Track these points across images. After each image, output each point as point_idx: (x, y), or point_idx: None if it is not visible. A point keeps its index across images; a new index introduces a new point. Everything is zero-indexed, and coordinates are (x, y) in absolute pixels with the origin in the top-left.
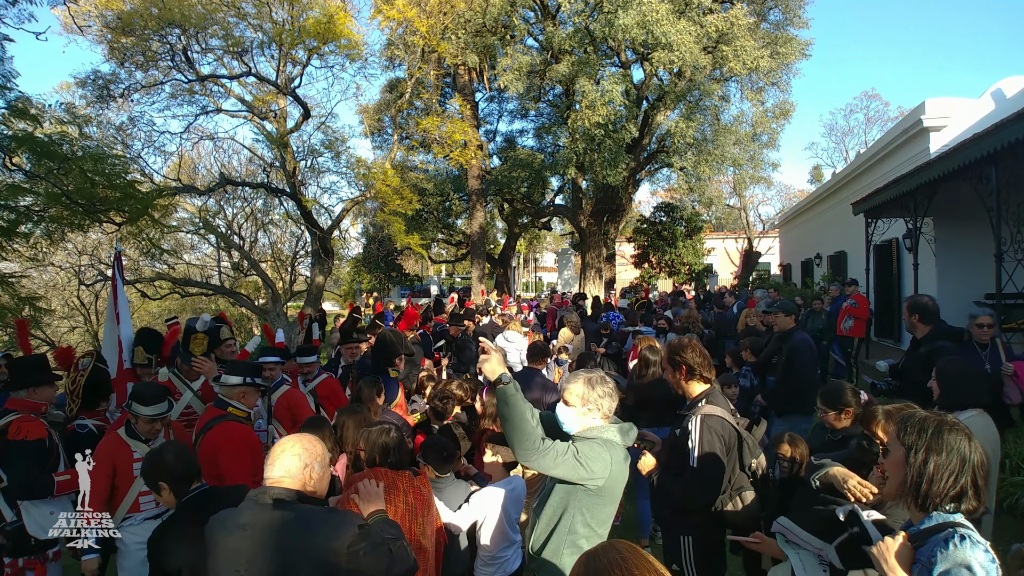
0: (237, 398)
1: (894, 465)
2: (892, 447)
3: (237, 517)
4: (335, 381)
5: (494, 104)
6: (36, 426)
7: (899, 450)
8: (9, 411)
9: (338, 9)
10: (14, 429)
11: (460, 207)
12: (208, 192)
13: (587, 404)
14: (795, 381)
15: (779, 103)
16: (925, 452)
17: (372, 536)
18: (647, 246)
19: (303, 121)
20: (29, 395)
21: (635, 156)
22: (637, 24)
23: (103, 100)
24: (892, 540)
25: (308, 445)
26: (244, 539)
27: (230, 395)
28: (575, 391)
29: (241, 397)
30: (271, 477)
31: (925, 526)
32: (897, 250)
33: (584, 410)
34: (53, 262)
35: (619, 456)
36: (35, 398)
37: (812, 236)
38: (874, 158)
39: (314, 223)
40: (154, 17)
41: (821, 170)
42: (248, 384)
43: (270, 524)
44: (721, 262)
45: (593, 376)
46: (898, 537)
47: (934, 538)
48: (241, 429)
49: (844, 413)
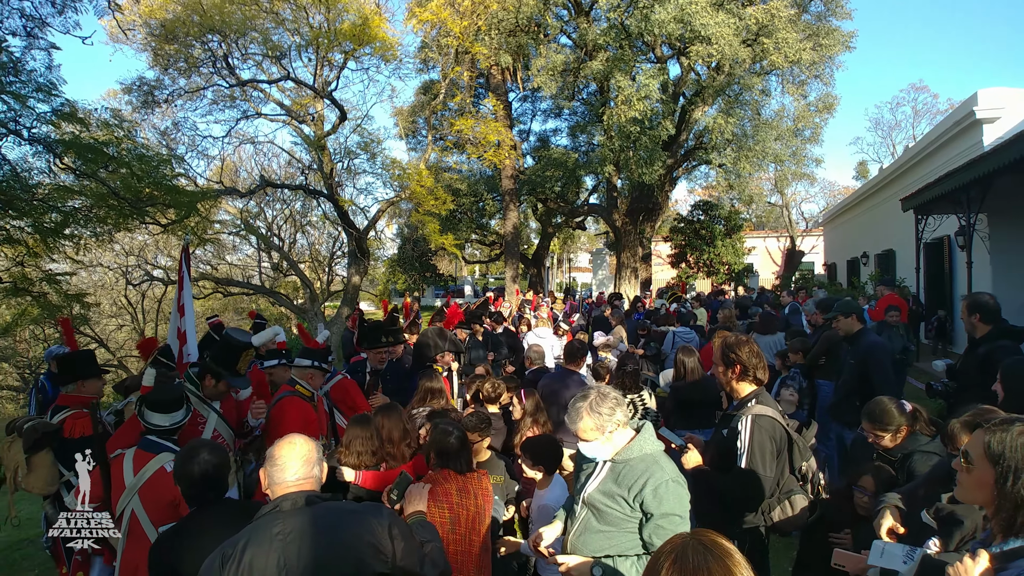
0: (306, 379)
1: (978, 484)
2: (978, 465)
3: (267, 528)
4: (350, 383)
5: (527, 103)
6: (86, 421)
7: (987, 470)
8: (62, 407)
9: (373, 12)
10: (68, 427)
11: (494, 207)
12: (249, 194)
13: (604, 430)
14: (872, 391)
15: (822, 96)
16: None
17: (403, 527)
18: (684, 245)
19: (339, 124)
20: (78, 389)
21: (672, 153)
22: (674, 18)
23: (148, 106)
24: (973, 561)
25: (311, 444)
26: (281, 548)
27: (300, 375)
28: (586, 426)
29: (309, 378)
30: (287, 481)
31: (1011, 547)
32: (949, 248)
33: (605, 436)
34: (102, 263)
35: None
36: (83, 392)
37: (858, 234)
38: (923, 152)
39: (350, 224)
40: (195, 24)
41: (867, 166)
42: (315, 367)
43: (305, 526)
44: (762, 261)
45: (589, 400)
46: (980, 557)
47: (1019, 562)
48: (304, 405)
49: (900, 431)
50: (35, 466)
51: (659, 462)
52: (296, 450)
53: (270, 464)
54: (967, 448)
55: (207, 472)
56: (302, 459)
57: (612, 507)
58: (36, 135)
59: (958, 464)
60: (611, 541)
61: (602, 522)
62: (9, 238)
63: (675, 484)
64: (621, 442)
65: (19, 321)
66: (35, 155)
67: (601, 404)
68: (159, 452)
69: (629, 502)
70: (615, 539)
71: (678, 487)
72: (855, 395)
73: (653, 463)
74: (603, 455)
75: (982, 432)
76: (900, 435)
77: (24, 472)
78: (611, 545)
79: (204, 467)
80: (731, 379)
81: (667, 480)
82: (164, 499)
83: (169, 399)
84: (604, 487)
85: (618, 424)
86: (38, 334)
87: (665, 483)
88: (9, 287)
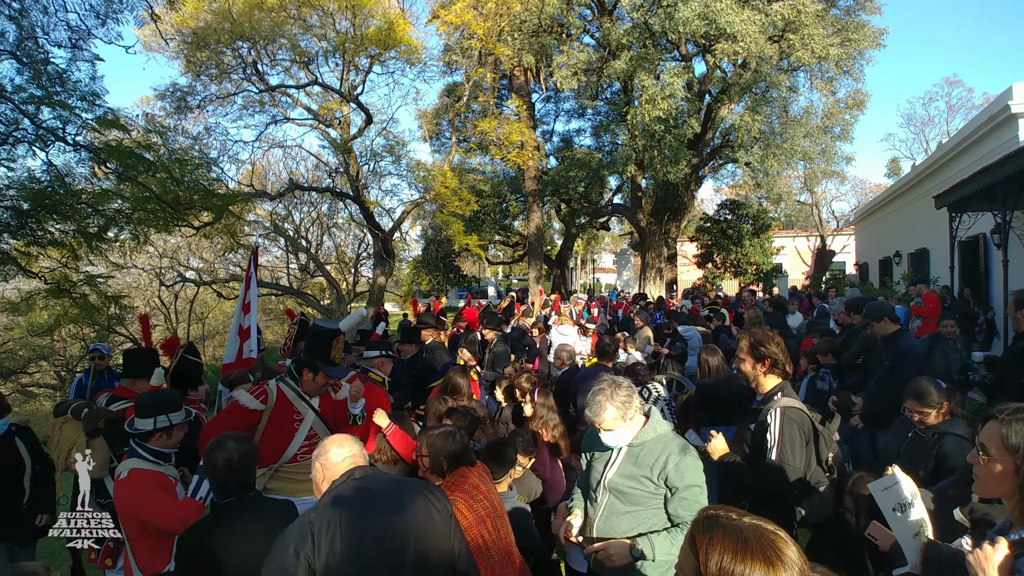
0: (376, 366)
1: (997, 476)
2: (996, 456)
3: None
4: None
5: (551, 104)
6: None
7: (1006, 461)
8: (119, 398)
9: (397, 16)
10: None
11: (517, 208)
12: (278, 196)
13: (625, 417)
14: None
15: (852, 93)
16: None
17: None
18: (711, 245)
19: (365, 127)
20: (131, 385)
21: (697, 152)
22: (698, 16)
23: (181, 112)
24: (992, 548)
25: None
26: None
27: (371, 364)
28: (609, 416)
29: (380, 366)
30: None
31: None
32: (984, 246)
33: (626, 423)
34: (136, 264)
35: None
36: (135, 388)
37: (891, 233)
38: (957, 148)
39: (376, 225)
40: (226, 32)
41: (899, 163)
42: (384, 356)
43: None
44: (792, 261)
45: (605, 391)
46: (999, 545)
47: None
48: (381, 390)
49: (942, 408)
50: (92, 450)
51: (674, 439)
52: (342, 439)
53: (322, 455)
54: (983, 440)
55: (231, 461)
56: (346, 446)
57: (636, 488)
58: (80, 142)
59: (974, 457)
60: (638, 519)
61: (628, 503)
62: (54, 241)
63: (692, 457)
64: (637, 427)
65: (60, 321)
66: (79, 162)
67: (618, 392)
68: (130, 457)
69: (653, 480)
70: (642, 516)
71: (695, 459)
72: (886, 396)
73: (669, 441)
74: (623, 441)
75: (997, 423)
76: (942, 412)
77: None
78: (639, 523)
79: (229, 455)
80: (760, 373)
81: (685, 454)
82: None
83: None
84: (624, 470)
85: (636, 409)
86: (75, 333)
87: (684, 457)
88: (52, 288)
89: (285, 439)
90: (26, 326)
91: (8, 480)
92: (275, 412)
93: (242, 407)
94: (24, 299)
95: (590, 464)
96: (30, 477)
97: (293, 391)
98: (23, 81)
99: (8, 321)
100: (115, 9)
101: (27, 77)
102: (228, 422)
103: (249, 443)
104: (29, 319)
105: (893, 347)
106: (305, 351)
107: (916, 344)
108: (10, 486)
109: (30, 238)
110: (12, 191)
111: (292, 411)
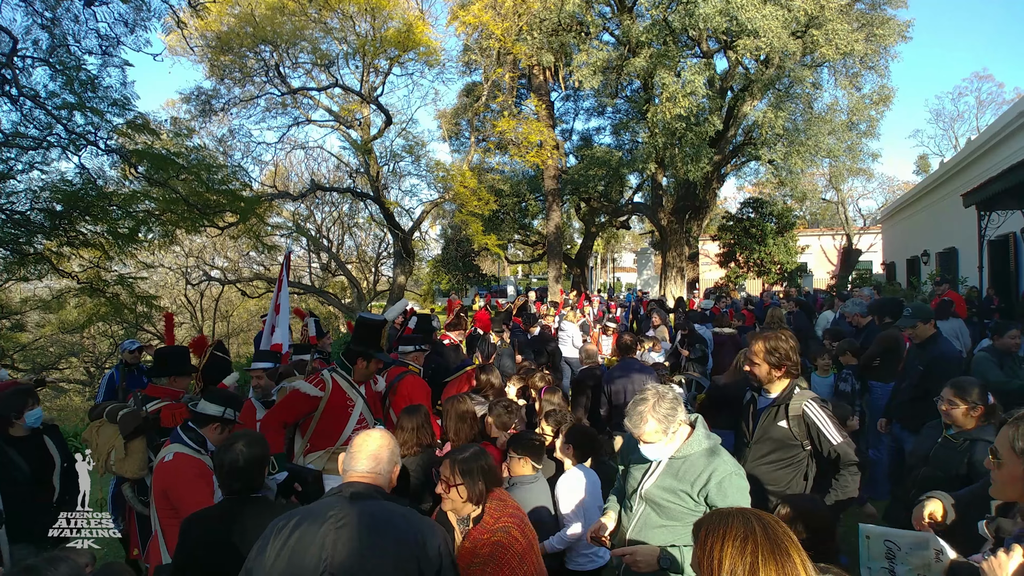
0: (412, 360)
1: (1009, 480)
2: (1007, 460)
3: (324, 510)
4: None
5: (570, 103)
6: (183, 411)
7: (1016, 465)
8: (152, 398)
9: (416, 18)
10: (167, 415)
11: (536, 207)
12: (301, 197)
13: (667, 431)
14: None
15: (878, 88)
16: None
17: (453, 556)
18: (734, 244)
19: (385, 128)
20: (171, 383)
21: (719, 149)
22: (719, 12)
23: (205, 115)
24: (1007, 555)
25: (386, 442)
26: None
27: (407, 357)
28: (650, 430)
29: (415, 359)
30: (355, 471)
31: None
32: (1015, 245)
33: (668, 437)
34: (163, 264)
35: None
36: (175, 386)
37: (919, 231)
38: (987, 144)
39: (396, 225)
40: (249, 36)
41: (928, 160)
42: (419, 350)
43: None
44: (817, 261)
45: (648, 402)
46: (1014, 552)
47: None
48: (421, 381)
49: (975, 410)
50: (131, 451)
51: (720, 455)
52: (368, 443)
53: (348, 451)
54: (996, 445)
55: (236, 464)
56: (370, 453)
57: (674, 502)
58: (111, 146)
59: (989, 462)
60: (674, 535)
61: (664, 516)
62: (86, 242)
63: (737, 477)
64: (680, 439)
65: (92, 319)
66: (112, 165)
67: (661, 404)
68: (173, 443)
69: (693, 496)
70: (678, 532)
71: (740, 479)
72: (918, 401)
73: (714, 456)
74: (663, 456)
75: (1007, 428)
76: (974, 415)
77: (119, 456)
78: (675, 539)
79: (234, 459)
80: (775, 375)
81: (730, 473)
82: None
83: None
84: (663, 482)
85: (680, 422)
86: (104, 331)
87: (728, 476)
88: (85, 287)
89: (341, 423)
90: (57, 323)
91: (38, 478)
92: (332, 399)
93: (303, 394)
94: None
95: (627, 470)
96: (59, 475)
97: (345, 379)
98: (56, 87)
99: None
100: (143, 17)
101: (60, 83)
102: (291, 409)
103: (261, 446)
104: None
105: (927, 352)
106: (354, 341)
107: (952, 352)
108: (40, 484)
109: (63, 239)
110: (46, 193)
111: (345, 398)
